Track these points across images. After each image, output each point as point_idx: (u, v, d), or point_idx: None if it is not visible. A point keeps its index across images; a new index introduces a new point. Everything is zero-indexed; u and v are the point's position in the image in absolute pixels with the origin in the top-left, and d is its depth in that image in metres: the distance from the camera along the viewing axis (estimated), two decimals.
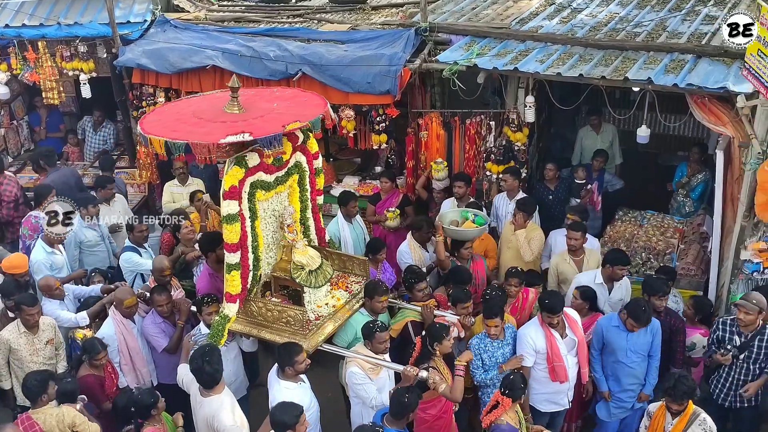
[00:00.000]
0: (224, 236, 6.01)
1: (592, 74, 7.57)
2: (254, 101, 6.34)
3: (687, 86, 7.09)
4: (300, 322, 6.10)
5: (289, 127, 5.90)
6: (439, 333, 6.07)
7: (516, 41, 8.57)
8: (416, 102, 9.15)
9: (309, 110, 6.40)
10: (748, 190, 6.89)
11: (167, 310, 6.82)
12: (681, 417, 5.78)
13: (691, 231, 8.69)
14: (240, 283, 6.19)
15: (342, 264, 7.09)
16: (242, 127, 5.72)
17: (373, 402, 6.01)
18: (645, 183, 10.49)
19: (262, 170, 6.15)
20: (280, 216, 6.55)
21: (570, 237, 7.51)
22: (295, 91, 7.50)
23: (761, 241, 7.00)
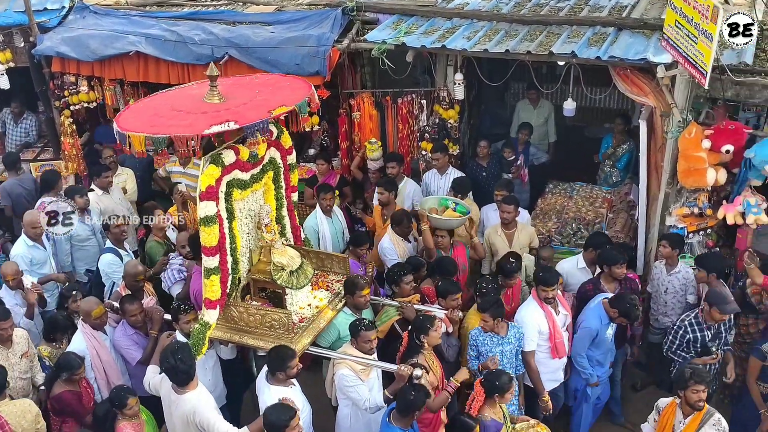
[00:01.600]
0: (202, 239, 5.69)
1: (518, 49, 7.67)
2: (234, 90, 6.07)
3: (609, 58, 7.25)
4: (285, 326, 5.84)
5: (275, 113, 5.65)
6: (424, 324, 5.95)
7: (443, 19, 8.63)
8: (347, 82, 9.12)
9: (293, 94, 6.08)
10: (671, 158, 7.13)
11: (140, 320, 6.45)
12: (694, 417, 5.59)
13: (619, 200, 8.95)
14: (220, 288, 5.88)
15: (320, 262, 6.85)
16: (226, 116, 5.45)
17: (367, 404, 5.79)
18: (573, 155, 10.73)
19: (238, 168, 5.87)
20: (256, 215, 6.28)
21: (503, 210, 7.63)
22: (276, 76, 7.24)
23: (684, 207, 7.27)
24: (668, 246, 7.10)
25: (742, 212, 6.88)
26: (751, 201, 6.82)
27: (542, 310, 6.49)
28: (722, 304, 6.41)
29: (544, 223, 8.72)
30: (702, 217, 7.28)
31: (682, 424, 5.60)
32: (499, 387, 5.63)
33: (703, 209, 7.21)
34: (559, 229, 8.57)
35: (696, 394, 5.50)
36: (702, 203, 7.18)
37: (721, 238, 7.85)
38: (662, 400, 5.91)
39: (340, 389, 5.92)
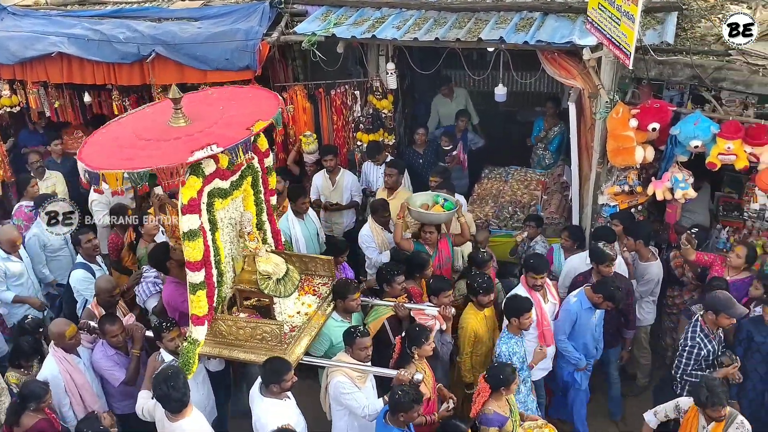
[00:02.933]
0: (186, 254, 5.47)
1: (448, 37, 7.73)
2: (196, 109, 5.79)
3: (537, 43, 7.36)
4: (277, 337, 5.69)
5: (255, 128, 5.46)
6: (419, 337, 5.83)
7: (372, 9, 8.62)
8: (278, 76, 9.05)
9: (263, 106, 5.92)
10: (600, 138, 7.27)
11: (121, 340, 6.15)
12: (717, 423, 5.46)
13: (553, 182, 9.13)
14: (207, 303, 5.69)
15: (304, 266, 6.64)
16: (204, 139, 5.23)
17: (366, 411, 5.67)
18: (507, 140, 10.89)
19: (218, 177, 5.66)
20: (237, 224, 6.08)
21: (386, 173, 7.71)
22: (232, 89, 6.96)
23: (615, 185, 7.44)
24: (620, 224, 7.26)
25: (671, 188, 7.06)
26: (678, 176, 7.02)
27: (531, 298, 6.46)
28: (730, 308, 6.10)
29: (481, 208, 8.84)
30: (633, 195, 7.46)
31: (706, 430, 5.50)
32: (504, 380, 5.57)
33: (633, 186, 7.38)
34: (496, 213, 8.70)
35: (716, 412, 5.37)
36: (632, 181, 7.35)
37: (651, 213, 8.09)
38: (683, 400, 5.76)
39: (336, 398, 5.75)
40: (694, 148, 6.76)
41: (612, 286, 6.44)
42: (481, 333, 6.57)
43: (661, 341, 7.84)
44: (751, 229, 8.02)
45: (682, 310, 6.73)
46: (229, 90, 6.88)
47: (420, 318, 6.38)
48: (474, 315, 6.54)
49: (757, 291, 6.61)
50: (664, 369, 7.41)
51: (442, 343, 6.52)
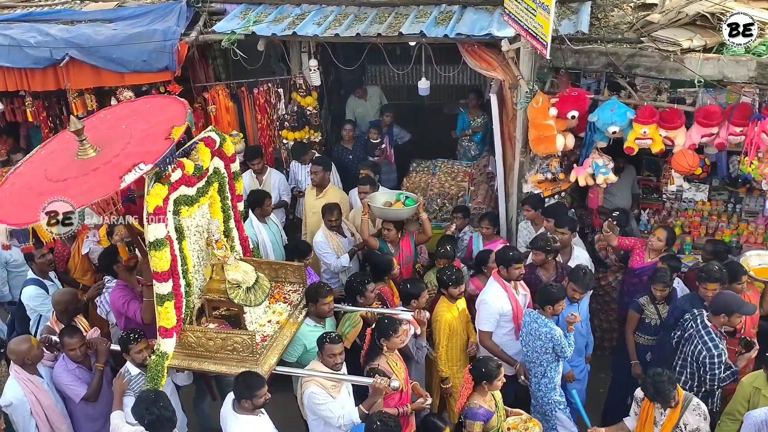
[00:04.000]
0: (153, 264, 5.26)
1: (369, 32, 7.71)
2: (98, 136, 5.42)
3: (457, 36, 7.42)
4: (249, 348, 5.51)
5: (175, 136, 5.16)
6: (387, 329, 5.76)
7: (291, 5, 8.54)
8: (199, 76, 8.90)
9: (169, 112, 5.59)
10: (522, 128, 7.40)
11: (81, 353, 5.90)
12: (673, 408, 5.50)
13: (479, 173, 9.25)
14: (175, 314, 5.49)
15: (274, 273, 6.46)
16: (128, 162, 4.94)
17: (341, 421, 5.55)
18: (433, 133, 10.98)
19: (184, 183, 5.43)
20: (205, 231, 5.87)
21: (360, 191, 7.71)
22: (125, 105, 6.57)
23: (539, 173, 7.59)
24: (531, 209, 7.41)
25: (592, 173, 7.23)
26: (599, 162, 7.19)
27: (505, 291, 6.45)
28: (742, 307, 5.96)
29: None
30: (556, 182, 7.62)
31: (663, 416, 5.54)
32: (486, 374, 5.53)
33: (556, 174, 7.54)
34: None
35: (667, 405, 5.45)
36: (554, 168, 7.51)
37: (575, 199, 8.29)
38: (639, 390, 5.74)
39: (310, 409, 5.64)
40: (612, 134, 6.94)
41: (583, 271, 6.42)
42: (455, 325, 6.54)
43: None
44: (670, 210, 8.33)
45: (630, 302, 6.81)
46: (123, 107, 6.51)
47: None
48: (447, 308, 6.51)
49: None
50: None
51: (417, 347, 6.45)
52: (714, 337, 5.89)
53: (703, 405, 5.51)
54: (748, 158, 6.60)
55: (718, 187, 8.21)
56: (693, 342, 5.99)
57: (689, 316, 6.14)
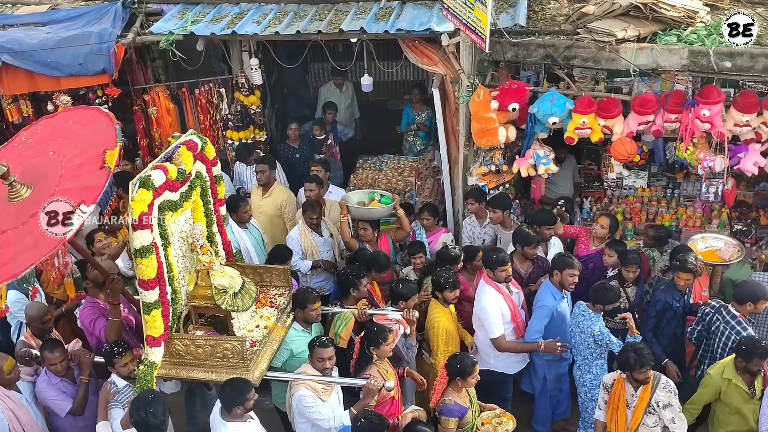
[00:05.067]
0: (139, 272, 5.09)
1: (309, 30, 7.70)
2: (24, 166, 5.10)
3: (397, 32, 7.45)
4: (239, 354, 5.38)
5: (109, 164, 4.84)
6: (377, 337, 5.69)
7: (230, 5, 8.47)
8: (137, 78, 8.75)
9: (96, 131, 5.27)
10: (465, 122, 7.48)
11: (63, 368, 5.68)
12: (644, 387, 5.57)
13: (425, 167, 9.30)
14: (162, 323, 5.33)
15: (259, 277, 6.31)
16: (64, 204, 4.67)
17: (332, 423, 5.46)
18: (379, 129, 11.00)
19: (168, 188, 5.23)
20: (189, 237, 5.71)
21: (306, 189, 7.68)
22: (44, 123, 5.97)
23: (483, 166, 7.67)
24: (474, 202, 7.48)
25: (534, 164, 7.36)
26: (540, 153, 7.32)
27: (499, 294, 6.41)
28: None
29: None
30: (499, 174, 7.72)
31: (635, 397, 5.59)
32: (461, 370, 5.51)
33: (499, 166, 7.63)
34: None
35: (643, 374, 5.49)
36: (498, 160, 7.60)
37: (519, 190, 8.41)
38: (608, 376, 5.83)
39: (300, 412, 5.54)
40: (552, 125, 7.08)
41: (563, 255, 6.52)
42: (451, 330, 6.49)
43: None
44: (611, 198, 8.52)
45: None
46: (42, 125, 5.96)
47: (382, 322, 6.16)
48: (442, 312, 6.44)
49: (611, 258, 6.97)
50: None
51: (407, 347, 6.38)
52: (746, 326, 6.08)
53: (671, 382, 5.61)
54: (684, 144, 6.80)
55: (656, 174, 8.44)
56: (724, 334, 6.12)
57: (710, 310, 6.28)
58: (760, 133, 6.65)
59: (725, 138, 6.70)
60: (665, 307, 6.44)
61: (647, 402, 5.54)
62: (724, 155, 6.75)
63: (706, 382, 5.88)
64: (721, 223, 7.92)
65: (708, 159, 6.75)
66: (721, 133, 6.65)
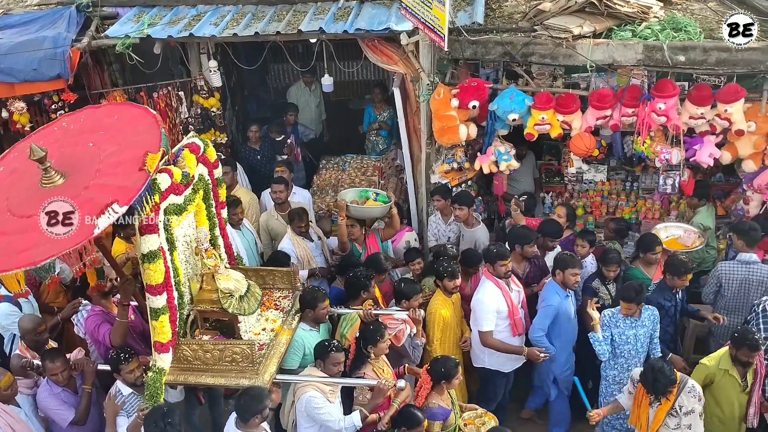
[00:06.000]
0: (146, 278, 5.01)
1: (268, 31, 7.65)
2: (62, 152, 4.95)
3: (356, 31, 7.43)
4: (248, 357, 5.32)
5: (149, 168, 4.68)
6: (374, 335, 5.68)
7: (187, 7, 8.37)
8: (94, 83, 8.57)
9: (139, 130, 5.09)
10: (426, 120, 7.51)
11: (64, 378, 5.60)
12: None
13: (388, 166, 9.32)
14: (170, 328, 5.26)
15: (261, 280, 6.23)
16: (99, 198, 4.50)
17: (341, 424, 5.42)
18: (341, 129, 11.00)
19: (173, 192, 5.12)
20: (193, 241, 5.65)
21: (274, 191, 7.64)
22: (88, 112, 5.76)
23: (445, 164, 7.72)
24: (441, 198, 7.51)
25: (495, 161, 7.43)
26: (501, 149, 7.38)
27: (498, 289, 6.38)
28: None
29: (322, 199, 8.88)
30: (462, 171, 7.78)
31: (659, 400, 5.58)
32: (445, 373, 5.54)
33: (461, 163, 7.69)
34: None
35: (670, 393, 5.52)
36: (459, 158, 7.66)
37: (481, 187, 8.47)
38: (636, 370, 5.79)
39: (309, 414, 5.47)
40: (512, 121, 7.15)
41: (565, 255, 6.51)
42: (449, 318, 6.51)
43: None
44: (572, 192, 8.63)
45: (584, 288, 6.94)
46: (86, 114, 5.72)
47: (389, 322, 6.18)
48: (442, 301, 6.47)
49: (583, 249, 7.07)
50: None
51: (413, 346, 6.38)
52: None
53: (698, 386, 5.60)
54: (641, 138, 6.91)
55: (615, 167, 8.58)
56: (760, 330, 6.14)
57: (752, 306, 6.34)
58: (714, 125, 6.80)
59: (681, 131, 6.84)
60: (657, 307, 6.43)
61: (671, 404, 5.55)
62: (680, 148, 6.89)
63: (698, 370, 5.92)
64: (679, 214, 8.07)
65: (665, 152, 6.87)
66: (676, 126, 6.79)
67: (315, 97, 10.65)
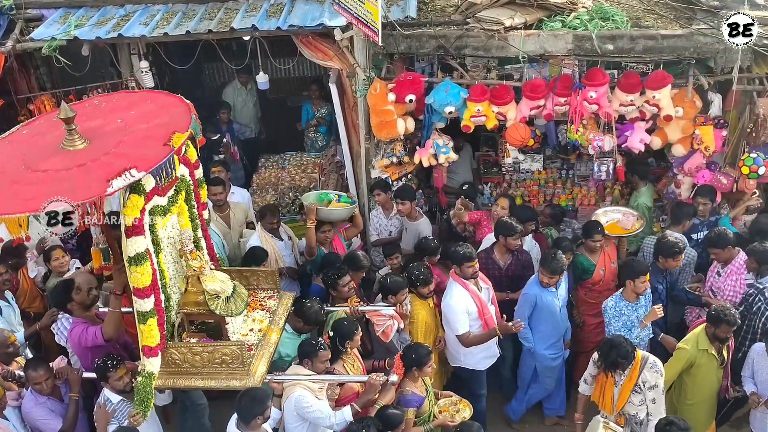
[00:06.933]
0: (133, 281, 4.94)
1: (199, 29, 7.54)
2: (89, 125, 4.98)
3: (289, 27, 7.38)
4: (238, 358, 5.28)
5: (174, 144, 4.75)
6: (350, 330, 5.73)
7: (115, 7, 8.16)
8: (20, 87, 8.31)
9: (170, 114, 5.19)
10: (364, 115, 7.51)
11: (48, 387, 5.51)
12: (632, 366, 5.67)
13: (328, 162, 9.31)
14: (158, 331, 5.18)
15: (245, 281, 6.15)
16: (118, 163, 4.51)
17: (333, 420, 5.39)
18: (280, 127, 10.92)
19: (157, 193, 5.08)
20: (177, 242, 5.57)
21: (212, 193, 7.53)
22: (123, 95, 5.95)
23: (384, 158, 7.75)
24: (381, 192, 7.52)
25: (434, 153, 7.49)
26: (439, 142, 7.44)
27: (466, 290, 6.35)
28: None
29: (262, 198, 8.81)
30: (401, 165, 7.82)
31: (624, 376, 5.71)
32: (416, 360, 5.58)
33: (400, 157, 7.73)
34: (277, 200, 8.70)
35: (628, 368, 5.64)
36: (399, 152, 7.70)
37: (421, 180, 8.52)
38: (597, 354, 5.89)
39: (299, 412, 5.44)
40: (448, 114, 7.20)
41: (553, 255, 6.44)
42: (430, 322, 6.55)
43: None
44: (510, 182, 8.75)
45: None
46: (120, 97, 5.93)
47: (377, 319, 6.20)
48: (421, 306, 6.48)
49: None
50: None
51: (401, 341, 6.34)
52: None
53: (659, 362, 5.72)
54: (574, 126, 7.08)
55: (551, 156, 8.73)
56: (764, 314, 6.24)
57: (754, 291, 6.41)
58: (643, 111, 6.98)
59: (612, 118, 7.01)
60: (651, 290, 6.49)
61: (635, 381, 5.67)
62: (612, 135, 7.06)
63: (679, 356, 5.97)
64: (614, 199, 8.27)
65: (597, 139, 7.04)
66: (608, 114, 6.95)
67: (251, 95, 10.55)
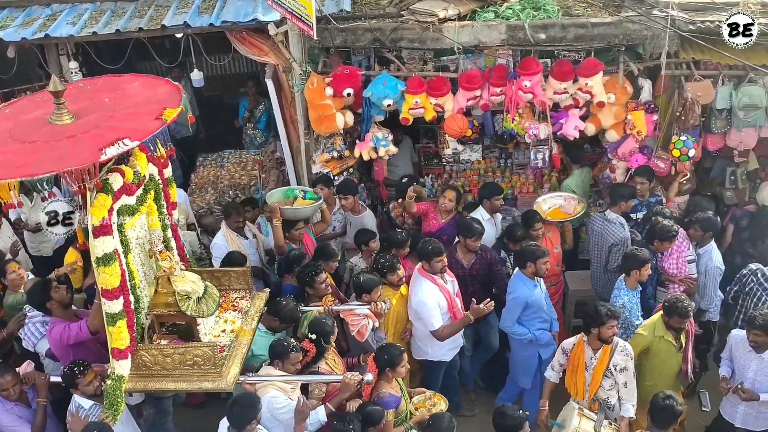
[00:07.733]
0: (101, 282, 4.83)
1: (129, 27, 7.40)
2: (76, 104, 4.92)
3: (223, 23, 7.29)
4: (210, 360, 5.18)
5: (168, 116, 4.75)
6: (328, 328, 5.69)
7: (41, 6, 7.98)
8: None
9: (158, 93, 5.16)
10: (302, 110, 7.48)
11: (15, 393, 5.43)
12: (603, 349, 5.69)
13: (268, 159, 9.24)
14: (128, 333, 5.06)
15: (217, 281, 6.00)
16: (109, 135, 4.48)
17: (307, 420, 5.28)
18: (218, 125, 10.78)
19: (125, 192, 4.98)
20: (146, 243, 5.47)
21: None
22: (107, 78, 5.82)
23: (325, 153, 7.72)
24: (324, 187, 7.49)
25: (374, 147, 7.49)
26: (379, 135, 7.45)
27: (435, 285, 6.30)
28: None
29: (202, 197, 8.71)
30: (342, 159, 7.81)
31: (594, 360, 5.73)
32: (389, 361, 5.52)
33: (341, 151, 7.72)
34: (217, 199, 8.61)
35: (611, 329, 5.61)
36: (339, 146, 7.68)
37: (362, 174, 8.53)
38: (567, 341, 5.95)
39: (272, 415, 5.35)
40: (387, 107, 7.22)
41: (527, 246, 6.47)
42: (400, 311, 6.49)
43: None
44: (450, 173, 8.83)
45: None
46: (104, 80, 5.83)
47: (351, 319, 6.11)
48: (392, 295, 6.38)
49: None
50: None
51: (377, 340, 6.29)
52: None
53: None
54: (510, 115, 7.17)
55: (489, 146, 8.86)
56: (756, 295, 6.35)
57: (747, 272, 6.49)
58: (577, 98, 7.13)
59: (547, 106, 7.13)
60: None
61: (606, 365, 5.71)
62: (547, 123, 7.19)
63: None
64: (552, 186, 8.42)
65: (533, 127, 7.16)
66: (542, 102, 7.08)
67: (186, 92, 10.33)
